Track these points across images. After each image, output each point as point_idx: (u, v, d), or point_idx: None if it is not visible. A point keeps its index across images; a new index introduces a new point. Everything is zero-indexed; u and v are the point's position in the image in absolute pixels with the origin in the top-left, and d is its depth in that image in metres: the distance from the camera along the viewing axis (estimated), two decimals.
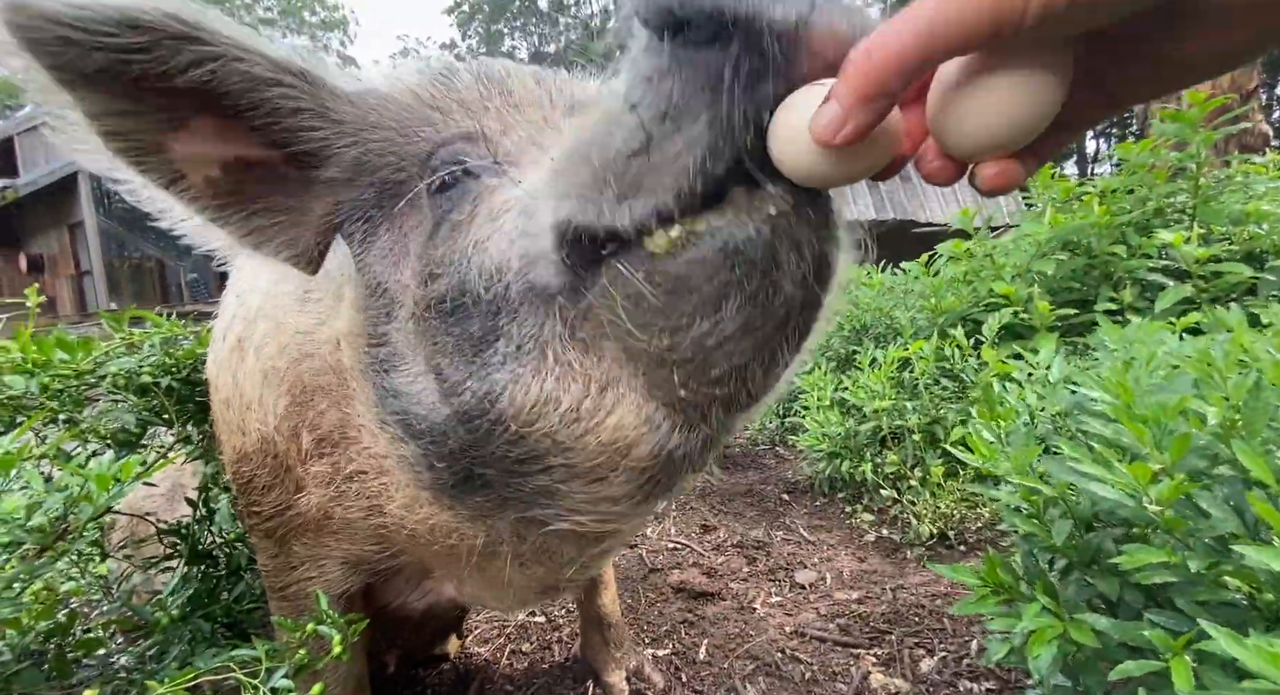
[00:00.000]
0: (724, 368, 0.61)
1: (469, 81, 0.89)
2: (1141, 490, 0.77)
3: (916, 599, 2.14)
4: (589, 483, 0.77)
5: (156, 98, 0.76)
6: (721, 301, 0.57)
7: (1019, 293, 3.13)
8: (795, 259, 0.56)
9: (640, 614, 2.23)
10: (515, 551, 0.99)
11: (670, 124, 0.52)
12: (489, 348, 0.73)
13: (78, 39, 0.69)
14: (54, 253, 15.81)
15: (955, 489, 2.51)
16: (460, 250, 0.75)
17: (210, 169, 0.83)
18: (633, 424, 0.68)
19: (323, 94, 0.83)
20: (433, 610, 1.48)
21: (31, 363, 1.08)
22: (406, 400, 0.83)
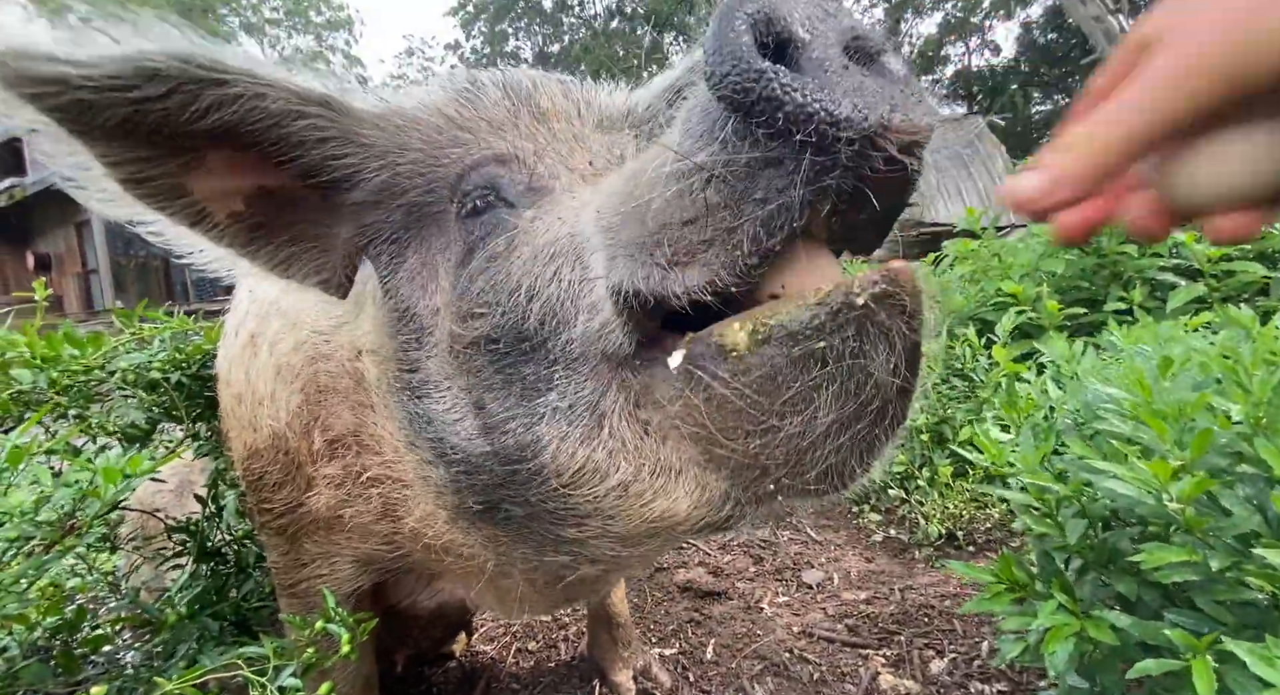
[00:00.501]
0: (821, 467, 0.57)
1: (496, 97, 0.87)
2: (1162, 487, 0.76)
3: (925, 599, 2.12)
4: (622, 544, 0.75)
5: (172, 139, 0.75)
6: (813, 397, 0.54)
7: (1027, 292, 3.11)
8: (885, 348, 0.53)
9: (647, 613, 2.22)
10: (527, 575, 0.99)
11: (728, 198, 0.51)
12: (539, 396, 0.71)
13: (92, 99, 0.67)
14: (61, 251, 15.90)
15: (964, 489, 2.49)
16: (506, 290, 0.73)
17: (233, 203, 0.82)
18: (686, 508, 0.66)
19: (348, 120, 0.82)
20: (443, 609, 1.47)
21: (41, 358, 1.07)
22: (441, 428, 0.81)
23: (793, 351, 0.53)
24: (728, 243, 0.52)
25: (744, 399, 0.55)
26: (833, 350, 0.52)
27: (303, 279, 0.87)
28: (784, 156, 0.48)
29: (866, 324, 0.52)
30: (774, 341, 0.53)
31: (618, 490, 0.68)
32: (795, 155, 0.48)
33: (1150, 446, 0.84)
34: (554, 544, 0.81)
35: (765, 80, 0.46)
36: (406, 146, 0.84)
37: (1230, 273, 2.83)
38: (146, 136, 0.73)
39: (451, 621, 1.76)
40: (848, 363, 0.53)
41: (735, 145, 0.50)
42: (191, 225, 0.80)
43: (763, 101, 0.46)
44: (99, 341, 1.16)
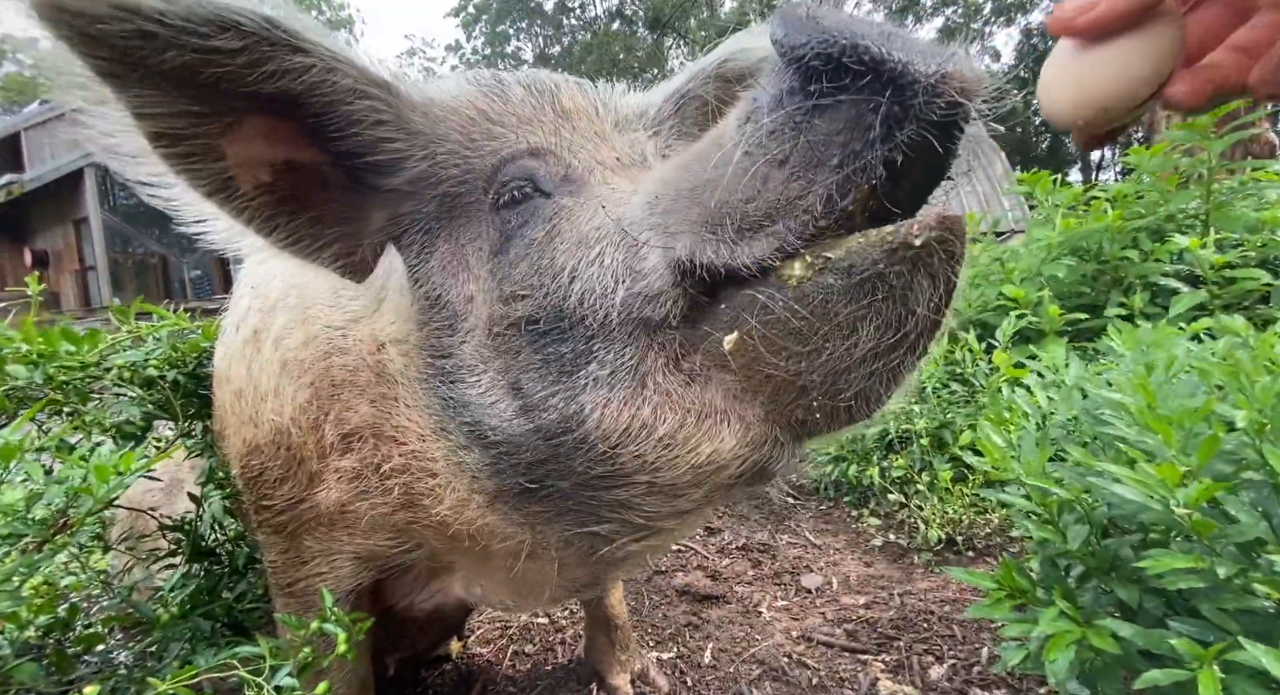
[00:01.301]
0: (854, 388, 0.62)
1: (522, 94, 0.90)
2: (1169, 493, 0.75)
3: (925, 605, 2.11)
4: (668, 498, 0.77)
5: (215, 97, 0.73)
6: (859, 325, 0.58)
7: (1029, 296, 3.11)
8: (929, 286, 0.57)
9: (644, 616, 2.21)
10: (561, 553, 0.99)
11: (799, 167, 0.55)
12: (579, 370, 0.73)
13: (159, 34, 0.64)
14: (59, 248, 15.86)
15: (963, 494, 2.49)
16: (548, 273, 0.76)
17: (262, 173, 0.80)
18: (731, 448, 0.69)
19: (401, 106, 0.82)
20: (439, 611, 1.47)
21: (37, 354, 1.06)
22: (478, 410, 0.83)
23: (849, 282, 0.57)
24: (797, 210, 0.56)
25: (797, 319, 0.59)
26: (884, 284, 0.56)
27: (321, 260, 0.86)
28: (861, 113, 0.52)
29: (918, 264, 0.56)
30: (833, 272, 0.57)
31: (665, 441, 0.70)
32: (874, 104, 0.51)
33: (1154, 452, 0.84)
34: (599, 510, 0.82)
35: (842, 36, 0.51)
36: (444, 137, 0.85)
37: (1232, 279, 2.83)
38: (195, 90, 0.71)
39: (447, 624, 1.75)
40: (896, 296, 0.57)
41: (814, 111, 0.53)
42: (212, 192, 0.78)
43: (850, 51, 0.51)
44: (96, 338, 1.15)
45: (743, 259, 0.59)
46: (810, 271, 0.58)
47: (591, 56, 25.61)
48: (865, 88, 0.52)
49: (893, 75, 0.51)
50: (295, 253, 0.85)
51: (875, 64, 0.51)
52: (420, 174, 0.85)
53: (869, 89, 0.52)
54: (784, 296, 0.59)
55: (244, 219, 0.81)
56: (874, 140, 0.52)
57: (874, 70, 0.51)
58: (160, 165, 0.74)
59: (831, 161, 0.54)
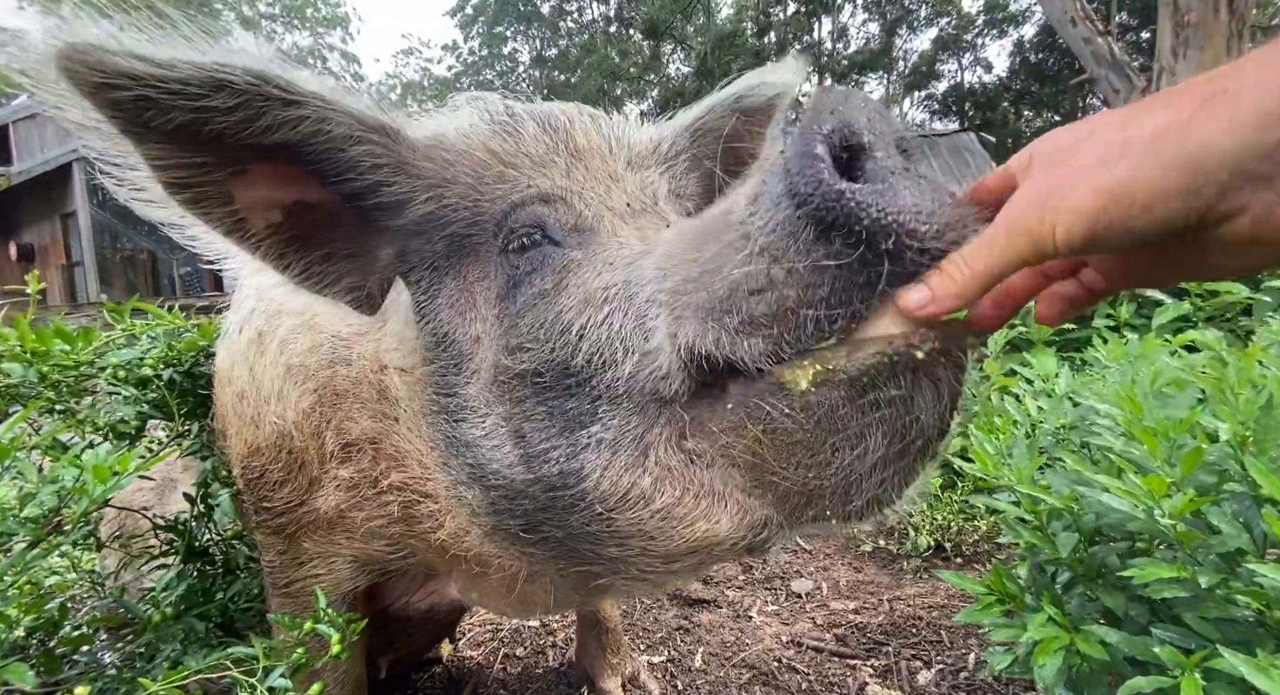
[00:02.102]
0: (865, 497, 0.62)
1: (535, 132, 0.90)
2: (1155, 503, 0.77)
3: (913, 611, 2.13)
4: (662, 561, 0.78)
5: (225, 148, 0.76)
6: (865, 434, 0.59)
7: None
8: (934, 395, 0.58)
9: (635, 620, 2.22)
10: (554, 583, 1.00)
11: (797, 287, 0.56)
12: (582, 428, 0.74)
13: (158, 99, 0.69)
14: (45, 242, 15.65)
15: (952, 501, 2.51)
16: (555, 329, 0.76)
17: (272, 214, 0.84)
18: (727, 530, 0.69)
19: (402, 149, 0.84)
20: (433, 612, 1.47)
21: (31, 352, 1.06)
22: (480, 453, 0.83)
23: (853, 393, 0.57)
24: (792, 322, 0.57)
25: (804, 432, 0.59)
26: (888, 395, 0.57)
27: (332, 294, 0.88)
28: (856, 263, 0.54)
29: (921, 374, 0.57)
30: (836, 384, 0.57)
31: (661, 513, 0.71)
32: (868, 263, 0.54)
33: (1141, 463, 0.86)
34: (593, 560, 0.83)
35: (845, 201, 0.52)
36: (454, 180, 0.87)
37: (1215, 292, 2.89)
38: (200, 143, 0.75)
39: (440, 625, 1.75)
40: (900, 406, 0.57)
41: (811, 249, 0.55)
42: (227, 233, 0.82)
43: (844, 217, 0.52)
44: (90, 337, 1.15)
45: (742, 354, 0.60)
46: (814, 382, 0.58)
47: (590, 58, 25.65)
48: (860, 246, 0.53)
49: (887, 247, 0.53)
50: (308, 287, 0.87)
51: (871, 236, 0.53)
52: (427, 215, 0.87)
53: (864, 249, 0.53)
54: (788, 406, 0.60)
55: (258, 256, 0.84)
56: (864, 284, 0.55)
57: (867, 242, 0.53)
58: (178, 209, 0.79)
59: (824, 292, 0.56)
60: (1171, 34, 7.77)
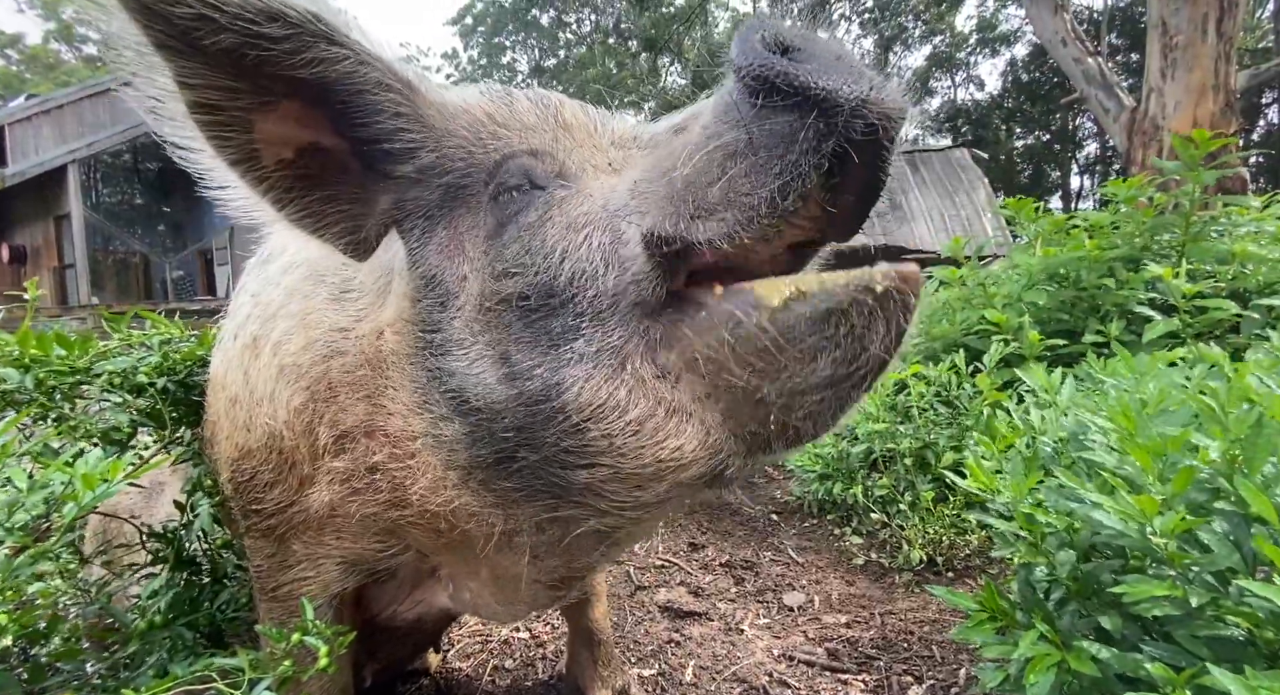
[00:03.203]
0: (805, 410, 0.69)
1: (528, 106, 0.97)
2: (1147, 521, 0.78)
3: (905, 625, 2.13)
4: (631, 487, 0.81)
5: (256, 78, 0.80)
6: (819, 354, 0.66)
7: (1010, 321, 3.18)
8: (884, 329, 0.65)
9: (626, 632, 2.20)
10: (532, 542, 1.01)
11: (748, 169, 0.63)
12: (565, 344, 0.78)
13: (216, 18, 0.72)
14: (38, 244, 15.53)
15: (944, 515, 2.52)
16: (539, 253, 0.81)
17: (285, 151, 0.88)
18: (692, 448, 0.74)
19: (420, 101, 0.90)
20: (421, 622, 1.46)
21: (30, 358, 1.05)
22: (463, 378, 0.87)
23: (817, 314, 0.65)
24: (746, 205, 0.64)
25: (768, 339, 0.66)
26: (845, 321, 0.64)
27: (327, 236, 0.92)
28: (794, 128, 0.61)
29: (876, 308, 0.64)
30: (805, 302, 0.65)
31: (634, 425, 0.75)
32: (803, 121, 0.60)
33: (1133, 479, 0.86)
34: (565, 492, 0.86)
35: (780, 62, 0.60)
36: (453, 133, 0.93)
37: (1203, 309, 2.92)
38: (239, 69, 0.78)
39: (427, 634, 1.73)
40: (855, 334, 0.65)
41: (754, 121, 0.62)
42: (236, 163, 0.85)
43: (780, 76, 0.59)
44: (89, 344, 1.14)
45: (698, 235, 0.66)
46: (784, 299, 0.65)
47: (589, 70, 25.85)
48: (795, 107, 0.61)
49: (817, 99, 0.59)
50: (304, 227, 0.91)
51: (802, 90, 0.60)
52: (429, 164, 0.92)
53: (799, 109, 0.61)
54: (758, 315, 0.67)
55: (261, 190, 0.87)
56: (805, 150, 0.61)
57: (802, 94, 0.60)
58: (194, 131, 0.82)
59: (774, 168, 0.62)
60: (1160, 55, 7.89)
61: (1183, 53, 7.66)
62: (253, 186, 0.87)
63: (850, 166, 0.63)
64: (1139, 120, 8.28)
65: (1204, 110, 7.72)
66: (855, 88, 0.60)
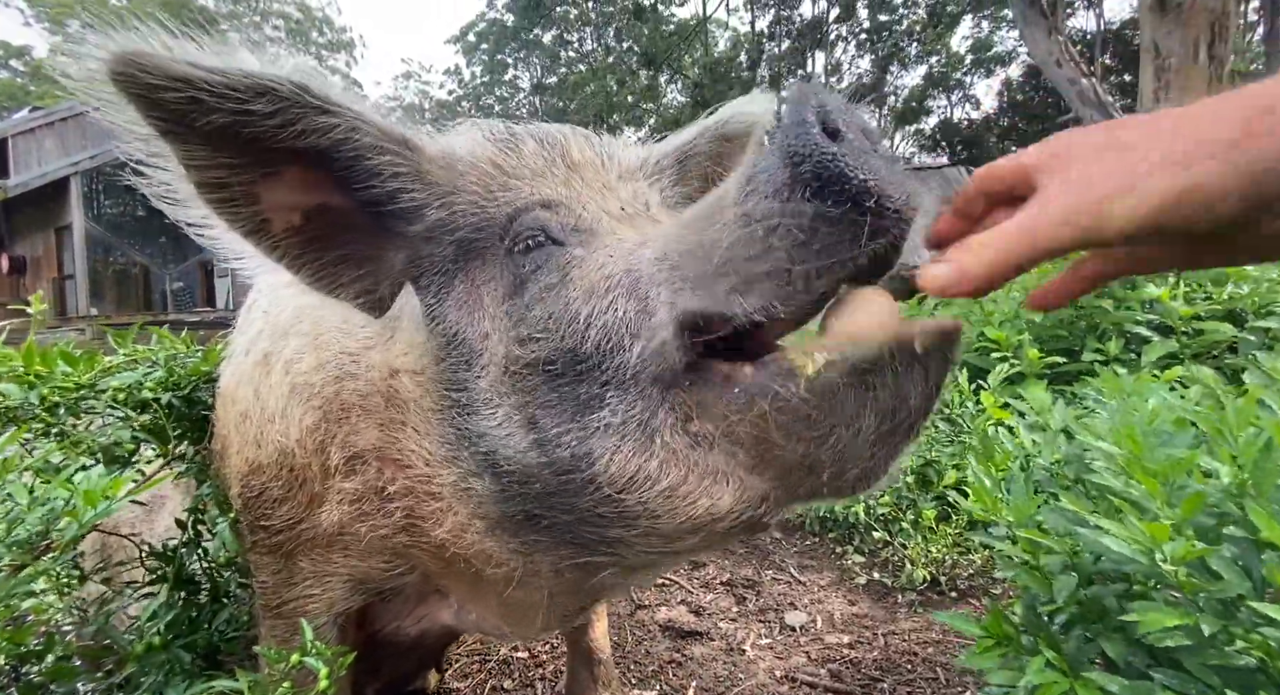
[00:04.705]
0: (858, 470, 0.69)
1: (534, 148, 0.97)
2: (1156, 548, 0.78)
3: (909, 646, 2.11)
4: (665, 541, 0.81)
5: (254, 151, 0.82)
6: (862, 413, 0.65)
7: (1009, 339, 3.19)
8: (923, 382, 0.65)
9: (627, 652, 2.18)
10: (550, 584, 1.01)
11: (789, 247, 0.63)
12: (592, 413, 0.78)
13: (205, 101, 0.74)
14: (38, 255, 15.55)
15: (947, 534, 2.50)
16: (563, 318, 0.81)
17: (293, 217, 0.89)
18: (728, 505, 0.73)
19: (419, 159, 0.90)
20: (424, 638, 1.45)
21: (34, 374, 1.05)
22: (493, 441, 0.87)
23: (855, 378, 0.64)
24: (784, 281, 0.64)
25: (808, 409, 0.66)
26: (884, 380, 0.64)
27: (343, 296, 0.92)
28: (844, 219, 0.61)
29: (915, 365, 0.64)
30: (841, 365, 0.65)
31: (666, 492, 0.75)
32: (856, 219, 0.61)
33: (1140, 503, 0.86)
34: (596, 544, 0.86)
35: (839, 161, 0.60)
36: (461, 188, 0.92)
37: (1200, 331, 2.93)
38: (237, 145, 0.80)
39: (428, 651, 1.71)
40: (893, 390, 0.65)
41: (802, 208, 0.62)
42: (248, 233, 0.86)
43: (836, 179, 0.60)
44: (94, 360, 1.14)
45: (735, 309, 0.66)
46: (819, 367, 0.65)
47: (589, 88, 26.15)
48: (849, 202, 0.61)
49: (871, 206, 0.60)
50: (320, 288, 0.91)
51: (857, 195, 0.60)
52: (438, 221, 0.92)
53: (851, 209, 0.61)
54: (795, 386, 0.66)
55: (276, 256, 0.88)
56: (854, 248, 0.62)
57: (854, 200, 0.60)
58: (205, 209, 0.84)
59: (815, 247, 0.62)
60: (1153, 77, 8.03)
61: (1175, 75, 7.78)
62: (267, 254, 0.88)
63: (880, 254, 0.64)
64: None
65: None
66: (899, 189, 0.62)
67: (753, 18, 29.82)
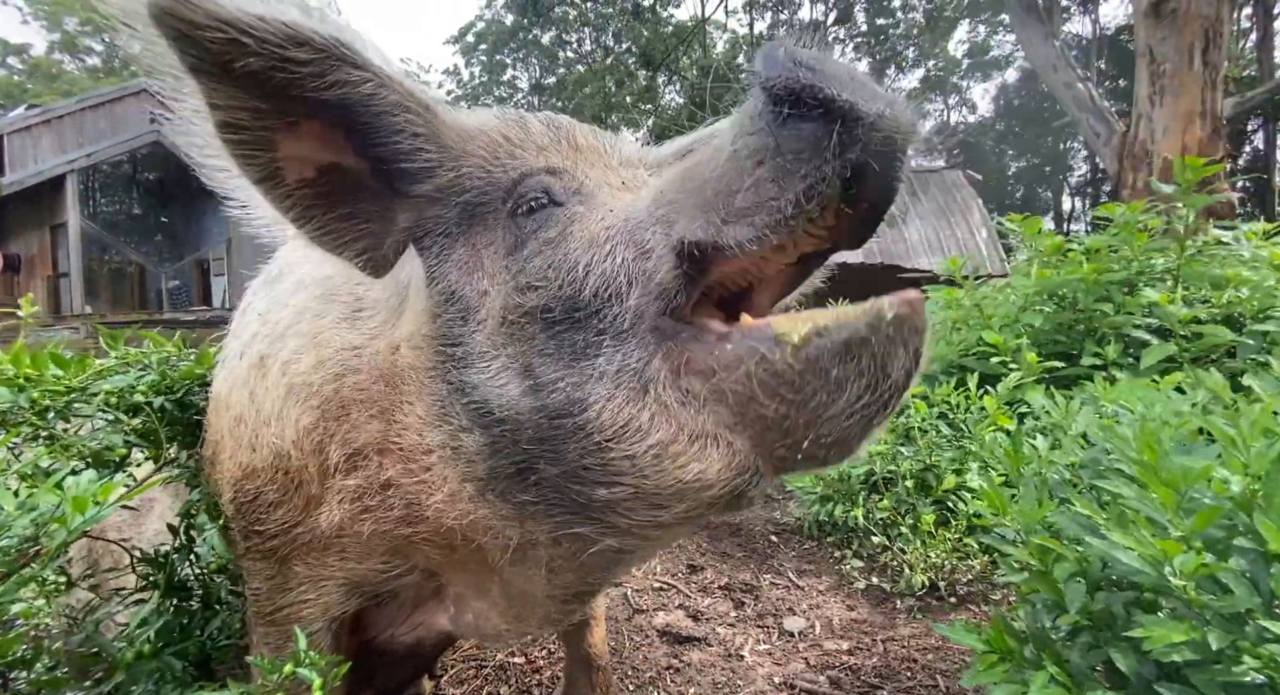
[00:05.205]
0: (833, 436, 0.71)
1: (541, 128, 1.01)
2: (1166, 561, 0.76)
3: (908, 652, 2.09)
4: (650, 507, 0.81)
5: (281, 99, 0.83)
6: (845, 383, 0.68)
7: (1007, 343, 3.18)
8: (903, 353, 0.68)
9: (624, 658, 2.16)
10: (547, 556, 1.01)
11: (775, 174, 0.66)
12: (588, 359, 0.79)
13: (245, 43, 0.76)
14: (33, 253, 15.46)
15: (946, 538, 2.49)
16: (562, 267, 0.83)
17: (306, 170, 0.90)
18: (716, 471, 0.75)
19: (436, 123, 0.93)
20: (420, 644, 1.43)
21: (25, 377, 1.03)
22: (485, 390, 0.88)
23: (838, 347, 0.68)
24: (774, 207, 0.67)
25: (795, 374, 0.69)
26: (867, 350, 0.67)
27: (346, 253, 0.93)
28: (818, 136, 0.64)
29: (895, 338, 0.68)
30: (826, 337, 0.68)
31: (656, 449, 0.76)
32: (828, 130, 0.63)
33: (1152, 515, 0.85)
34: (582, 508, 0.86)
35: (806, 74, 0.64)
36: (471, 153, 0.95)
37: (1200, 334, 2.93)
38: (265, 90, 0.82)
39: (425, 658, 1.69)
40: (877, 361, 0.68)
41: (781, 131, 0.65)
42: (260, 180, 0.87)
43: (806, 88, 0.63)
44: (85, 363, 1.12)
45: (729, 239, 0.69)
46: (805, 335, 0.68)
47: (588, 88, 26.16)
48: (820, 117, 0.64)
49: (842, 110, 0.63)
50: (323, 244, 0.92)
51: (827, 101, 0.63)
52: (446, 183, 0.94)
53: (823, 119, 0.64)
54: (782, 352, 0.69)
55: (284, 207, 0.89)
56: (830, 157, 0.64)
57: (826, 106, 0.63)
58: (221, 150, 0.85)
59: (799, 171, 0.65)
60: (1148, 82, 8.05)
61: (1170, 80, 7.81)
62: (275, 204, 0.89)
63: (867, 177, 0.67)
64: (1129, 144, 8.42)
65: (1192, 136, 7.85)
66: (875, 102, 0.64)
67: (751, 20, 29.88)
